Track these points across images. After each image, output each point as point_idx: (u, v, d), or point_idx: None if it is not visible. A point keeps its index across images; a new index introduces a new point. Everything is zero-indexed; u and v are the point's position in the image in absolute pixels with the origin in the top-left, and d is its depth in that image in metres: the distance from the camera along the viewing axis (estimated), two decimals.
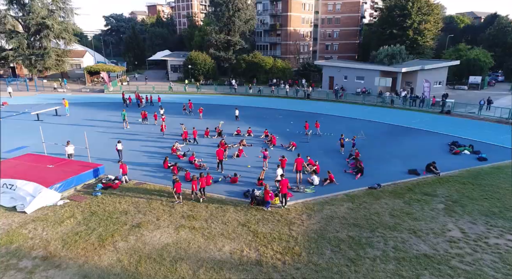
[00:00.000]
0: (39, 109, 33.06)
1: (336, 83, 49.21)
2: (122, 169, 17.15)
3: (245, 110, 36.89)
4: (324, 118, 34.09)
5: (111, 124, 29.97)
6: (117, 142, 20.80)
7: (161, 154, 21.99)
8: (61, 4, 52.03)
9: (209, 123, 29.83)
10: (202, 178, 15.65)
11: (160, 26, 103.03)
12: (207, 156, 21.74)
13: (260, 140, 25.97)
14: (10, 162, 17.54)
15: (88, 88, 52.15)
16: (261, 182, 17.33)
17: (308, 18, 73.52)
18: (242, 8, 58.06)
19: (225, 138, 25.78)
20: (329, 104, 41.56)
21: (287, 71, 58.60)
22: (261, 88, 49.27)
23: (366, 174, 18.88)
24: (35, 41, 51.10)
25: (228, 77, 60.70)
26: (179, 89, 50.46)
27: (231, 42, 59.26)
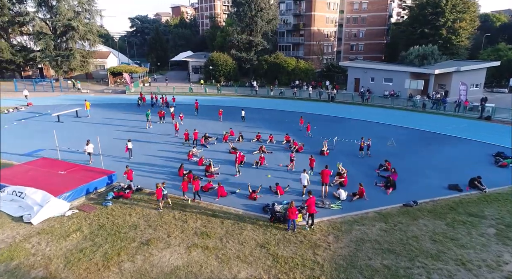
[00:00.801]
0: (61, 110, 33.13)
1: (362, 85, 46.84)
2: (128, 175, 16.37)
3: (265, 113, 35.55)
4: (350, 123, 32.14)
5: (130, 125, 29.41)
6: (127, 141, 21.10)
7: (177, 160, 20.96)
8: (87, 6, 52.78)
9: (228, 126, 28.67)
10: (196, 181, 15.42)
11: (183, 27, 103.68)
12: (223, 162, 20.50)
13: (281, 147, 24.45)
14: (23, 167, 17.03)
15: (110, 89, 52.52)
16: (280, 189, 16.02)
17: (333, 17, 71.23)
18: (265, 8, 56.76)
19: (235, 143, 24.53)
20: (355, 108, 39.38)
21: (310, 73, 56.69)
22: (283, 90, 47.70)
23: (399, 188, 16.97)
24: (61, 43, 52.10)
25: (249, 78, 59.56)
26: (200, 90, 49.77)
27: (253, 42, 58.08)
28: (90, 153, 19.82)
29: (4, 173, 16.20)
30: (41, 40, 50.04)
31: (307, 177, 15.99)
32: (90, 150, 19.75)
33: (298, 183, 16.84)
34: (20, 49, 53.06)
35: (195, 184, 15.29)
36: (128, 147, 20.84)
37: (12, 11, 51.68)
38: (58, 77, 54.17)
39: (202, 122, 31.09)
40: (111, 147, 22.96)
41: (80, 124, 30.27)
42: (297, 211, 13.30)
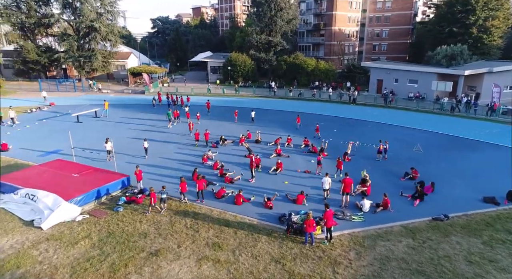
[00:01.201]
0: (81, 110, 33.53)
1: (385, 86, 45.01)
2: (137, 176, 16.13)
3: (283, 115, 34.60)
4: (372, 126, 30.67)
5: (147, 125, 29.26)
6: (143, 140, 21.53)
7: (191, 163, 20.44)
8: (109, 7, 53.64)
9: (245, 129, 27.96)
10: (200, 181, 15.36)
11: (203, 28, 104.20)
12: (238, 165, 19.77)
13: (299, 151, 23.46)
14: (38, 169, 16.97)
15: (130, 89, 53.11)
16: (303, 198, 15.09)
17: (355, 17, 69.36)
18: (285, 8, 55.77)
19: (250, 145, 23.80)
20: (377, 110, 37.74)
21: (330, 73, 55.18)
22: (302, 91, 46.54)
23: (427, 200, 15.67)
24: (84, 44, 53.19)
25: (267, 79, 58.73)
26: (218, 91, 49.41)
27: (272, 42, 57.21)
28: (109, 151, 20.25)
29: (19, 175, 16.17)
30: (65, 41, 51.28)
31: (329, 181, 15.47)
32: (109, 148, 20.20)
33: (317, 191, 15.89)
34: (45, 50, 54.57)
35: (199, 184, 15.14)
36: (144, 147, 21.21)
37: (39, 13, 53.23)
38: (80, 77, 55.39)
39: (218, 124, 30.56)
40: (126, 148, 22.87)
41: (98, 124, 30.43)
42: (314, 223, 12.38)
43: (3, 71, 60.35)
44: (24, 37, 54.32)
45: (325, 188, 15.56)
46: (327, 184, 15.47)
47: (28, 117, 32.31)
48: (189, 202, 15.34)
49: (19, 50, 53.31)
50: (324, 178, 15.59)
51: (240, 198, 15.17)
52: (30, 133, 26.62)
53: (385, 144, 21.44)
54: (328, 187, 15.53)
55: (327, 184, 15.46)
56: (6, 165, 19.30)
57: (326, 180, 15.48)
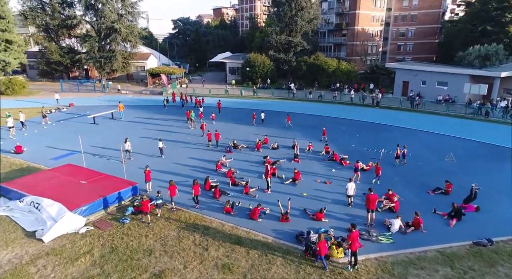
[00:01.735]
0: (99, 111, 33.46)
1: (411, 89, 42.58)
2: (146, 176, 16.05)
3: (302, 119, 33.12)
4: (398, 131, 28.70)
5: (162, 127, 28.61)
6: (159, 140, 21.75)
7: (204, 170, 19.45)
8: (130, 9, 53.94)
9: (262, 132, 26.79)
10: (196, 186, 14.76)
11: (223, 28, 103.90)
12: (253, 173, 18.56)
13: (318, 158, 21.98)
14: (47, 174, 16.44)
15: (148, 90, 53.10)
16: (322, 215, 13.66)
17: (379, 16, 66.74)
18: (306, 7, 54.20)
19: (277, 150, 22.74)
20: (403, 114, 35.55)
21: (352, 75, 53.04)
22: (322, 93, 44.80)
23: (465, 219, 13.89)
24: (105, 45, 53.71)
25: (286, 80, 57.29)
26: (236, 92, 48.47)
27: (292, 43, 55.74)
28: (128, 150, 20.61)
29: (27, 181, 15.67)
30: (87, 42, 51.98)
31: (353, 187, 14.88)
32: (128, 148, 20.51)
33: (339, 207, 14.46)
34: (67, 51, 55.52)
35: (195, 189, 14.70)
36: (159, 147, 21.43)
37: (63, 15, 54.21)
38: (101, 78, 56.02)
39: (233, 127, 29.52)
40: (141, 149, 22.44)
41: (114, 126, 30.09)
42: (326, 244, 11.10)
43: (29, 72, 62.02)
44: (48, 38, 55.51)
45: (349, 194, 14.93)
46: (351, 190, 14.83)
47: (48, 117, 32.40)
48: (175, 207, 14.83)
49: (43, 51, 54.51)
50: (348, 184, 14.89)
51: (257, 212, 13.96)
52: (46, 135, 26.51)
53: (403, 148, 20.40)
54: (353, 193, 14.89)
55: (351, 190, 14.82)
56: (18, 168, 19.01)
57: (350, 186, 14.83)
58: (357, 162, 18.14)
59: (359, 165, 18.13)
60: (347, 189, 14.90)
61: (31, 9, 52.29)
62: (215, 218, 13.98)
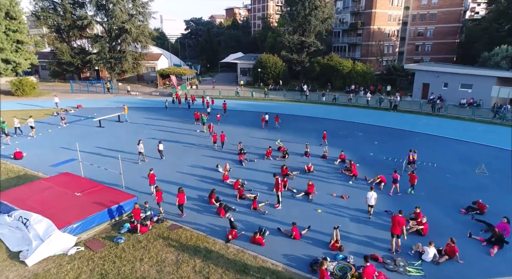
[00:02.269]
0: (106, 113, 32.64)
1: (432, 91, 40.25)
2: (150, 179, 15.91)
3: (316, 123, 31.40)
4: (419, 138, 26.67)
5: (169, 131, 27.42)
6: (158, 142, 21.31)
7: (211, 180, 18.06)
8: (141, 9, 53.24)
9: (272, 136, 25.27)
10: (181, 194, 13.95)
11: (235, 29, 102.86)
12: (262, 185, 17.03)
13: (333, 167, 20.29)
14: (41, 185, 15.32)
15: (158, 91, 52.24)
16: (337, 245, 11.95)
17: (396, 15, 64.34)
18: (320, 6, 52.36)
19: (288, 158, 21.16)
20: (424, 119, 33.38)
21: (368, 76, 50.84)
22: (337, 96, 42.87)
23: (508, 247, 12.01)
24: (116, 45, 53.15)
25: (299, 81, 55.56)
26: (247, 94, 47.04)
27: (305, 43, 53.96)
28: (141, 152, 20.31)
29: (18, 192, 14.54)
30: (97, 43, 51.49)
31: (374, 196, 14.00)
32: (141, 150, 20.24)
33: (357, 227, 12.81)
34: (78, 52, 55.23)
35: (180, 197, 13.90)
36: (159, 149, 21.06)
37: (74, 16, 53.94)
38: (111, 78, 55.53)
39: (243, 131, 28.05)
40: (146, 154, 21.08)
41: (119, 129, 29.06)
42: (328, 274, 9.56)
43: (41, 73, 62.23)
44: (60, 39, 55.35)
45: (370, 203, 14.08)
46: (372, 200, 13.99)
47: (52, 120, 31.72)
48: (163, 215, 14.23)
49: (54, 52, 54.36)
50: (369, 193, 14.07)
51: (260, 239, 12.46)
52: (50, 139, 25.67)
53: (414, 153, 19.57)
54: (374, 202, 14.04)
55: (372, 199, 13.98)
56: (15, 176, 18.04)
57: (371, 195, 13.99)
58: (395, 172, 16.69)
59: (397, 176, 16.55)
60: (368, 198, 14.02)
61: (43, 9, 52.17)
62: (218, 239, 12.52)
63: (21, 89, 44.49)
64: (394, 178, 16.45)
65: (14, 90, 44.35)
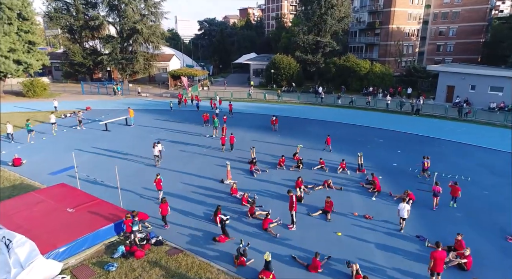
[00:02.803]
0: (114, 116, 31.65)
1: (457, 94, 37.62)
2: (156, 184, 15.39)
3: (332, 128, 29.44)
4: (447, 146, 24.43)
5: (177, 136, 26.06)
6: (157, 143, 20.20)
7: (218, 193, 16.48)
8: (153, 9, 52.44)
9: (284, 142, 23.50)
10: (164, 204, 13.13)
11: (248, 29, 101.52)
12: (274, 198, 15.31)
13: (352, 179, 18.38)
14: (33, 198, 14.03)
15: (169, 92, 51.22)
16: None
17: (417, 13, 61.56)
18: (336, 5, 50.26)
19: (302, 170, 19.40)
20: (449, 124, 30.96)
21: (387, 77, 48.36)
22: (354, 98, 40.70)
23: None
24: (127, 46, 52.49)
25: (313, 83, 53.56)
26: (259, 96, 45.37)
27: (321, 43, 51.92)
28: (157, 155, 19.85)
29: (6, 207, 13.25)
30: (109, 44, 50.95)
31: (407, 208, 12.97)
32: (156, 153, 19.75)
33: (384, 257, 10.95)
34: (90, 53, 54.86)
35: (163, 208, 13.07)
36: (158, 149, 20.20)
37: (87, 16, 53.59)
38: (123, 79, 54.93)
39: (255, 136, 26.41)
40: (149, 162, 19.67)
41: (126, 133, 27.87)
42: None
43: (54, 73, 62.30)
44: (72, 40, 55.12)
45: (402, 216, 13.02)
46: (405, 212, 12.92)
47: (61, 123, 30.81)
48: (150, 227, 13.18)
49: (67, 53, 54.14)
50: (401, 204, 13.06)
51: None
52: (53, 143, 24.65)
53: (427, 159, 18.45)
54: (407, 215, 12.98)
55: (405, 212, 12.91)
56: (10, 186, 16.91)
57: (404, 206, 12.95)
58: (436, 184, 15.13)
59: (439, 188, 15.00)
60: (400, 210, 13.01)
61: (56, 10, 51.98)
62: (223, 268, 10.90)
63: (32, 90, 44.23)
64: (435, 191, 14.95)
65: (25, 91, 44.13)
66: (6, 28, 41.05)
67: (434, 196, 15.09)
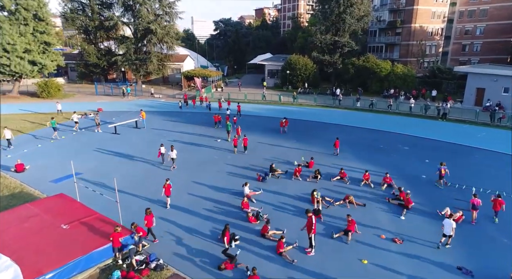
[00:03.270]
0: (125, 118, 30.83)
1: (488, 97, 34.90)
2: (165, 190, 14.75)
3: (351, 133, 27.59)
4: (482, 155, 22.20)
5: (188, 139, 24.83)
6: (160, 145, 20.32)
7: (228, 207, 15.04)
8: (167, 9, 51.73)
9: (302, 147, 21.85)
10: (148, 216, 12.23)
11: (264, 29, 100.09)
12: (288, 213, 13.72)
13: (376, 194, 16.55)
14: (27, 211, 12.89)
15: (182, 94, 50.26)
16: None
17: (441, 11, 58.64)
18: (356, 3, 48.02)
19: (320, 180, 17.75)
20: (483, 130, 28.47)
21: (409, 79, 45.81)
22: (374, 101, 38.49)
23: None
24: (141, 46, 51.96)
25: (331, 84, 51.51)
26: (274, 98, 43.77)
27: (339, 43, 49.80)
28: (173, 158, 19.56)
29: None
30: (123, 44, 50.53)
31: (453, 225, 11.89)
32: (173, 156, 19.52)
33: None
34: (105, 53, 54.67)
35: (148, 220, 12.21)
36: (161, 152, 20.24)
37: (102, 17, 53.42)
38: (136, 80, 54.48)
39: (268, 140, 24.81)
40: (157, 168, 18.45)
41: (134, 137, 26.82)
42: None
43: (70, 74, 62.61)
44: (87, 40, 55.11)
45: (447, 233, 11.97)
46: (450, 229, 11.88)
47: (70, 124, 30.21)
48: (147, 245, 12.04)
49: (82, 53, 54.15)
50: (446, 220, 12.09)
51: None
52: (60, 147, 23.81)
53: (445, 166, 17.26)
54: (452, 233, 11.93)
55: (450, 228, 11.88)
56: (9, 194, 15.97)
57: (449, 222, 11.93)
58: (475, 197, 13.82)
59: (479, 201, 13.75)
60: (444, 225, 12.02)
61: (72, 11, 52.01)
62: None
63: (47, 91, 44.17)
64: (474, 204, 13.56)
65: (40, 92, 44.10)
66: (22, 29, 41.10)
67: (473, 209, 13.79)
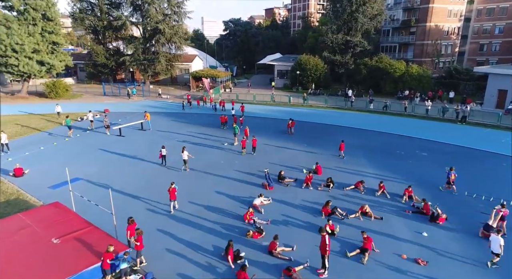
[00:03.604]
0: (131, 120, 30.13)
1: (511, 100, 33.01)
2: (171, 194, 14.31)
3: (364, 137, 26.20)
4: (507, 162, 20.53)
5: (194, 142, 23.85)
6: (162, 147, 19.92)
7: (234, 219, 13.95)
8: (176, 8, 51.04)
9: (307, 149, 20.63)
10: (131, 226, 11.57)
11: (274, 29, 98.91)
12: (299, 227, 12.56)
13: (394, 205, 15.23)
14: (19, 221, 12.01)
15: (190, 94, 49.50)
16: None
17: (458, 10, 56.54)
18: (369, 2, 46.49)
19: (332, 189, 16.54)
20: (506, 135, 26.69)
21: (425, 80, 44.01)
22: (388, 103, 36.93)
23: None
24: (150, 46, 51.42)
25: (342, 85, 50.02)
26: (283, 99, 42.56)
27: (350, 43, 48.34)
28: (185, 160, 19.16)
29: None
30: (132, 44, 50.08)
31: (501, 242, 10.83)
32: (185, 158, 19.08)
33: None
34: (113, 54, 54.34)
35: (130, 230, 11.52)
36: (162, 154, 19.82)
37: (110, 17, 53.12)
38: (145, 81, 53.99)
39: (277, 144, 23.64)
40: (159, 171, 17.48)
41: (139, 140, 26.00)
42: None
43: (79, 74, 62.57)
44: (96, 40, 54.88)
45: (495, 251, 10.87)
46: (498, 246, 10.81)
47: (76, 126, 29.61)
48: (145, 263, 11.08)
49: (90, 53, 53.94)
50: (493, 236, 11.09)
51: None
52: (63, 150, 23.14)
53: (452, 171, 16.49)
54: (501, 251, 10.83)
55: (497, 245, 10.82)
56: (4, 202, 15.21)
57: (496, 239, 10.92)
58: (503, 207, 12.91)
59: (507, 211, 12.95)
60: (491, 242, 11.03)
61: (81, 10, 51.81)
62: None
63: (55, 91, 43.93)
64: (502, 215, 12.65)
65: (48, 92, 43.89)
66: (31, 29, 40.88)
67: (501, 220, 12.88)
